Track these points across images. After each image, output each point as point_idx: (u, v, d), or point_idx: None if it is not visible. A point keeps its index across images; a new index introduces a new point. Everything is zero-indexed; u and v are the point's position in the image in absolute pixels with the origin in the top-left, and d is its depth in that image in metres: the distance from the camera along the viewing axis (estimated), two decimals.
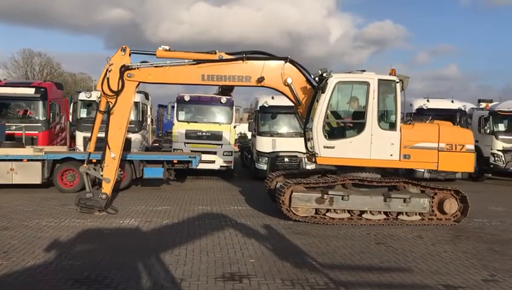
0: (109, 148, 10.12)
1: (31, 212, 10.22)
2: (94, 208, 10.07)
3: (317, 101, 9.71)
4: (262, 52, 10.46)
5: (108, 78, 9.96)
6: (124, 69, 9.97)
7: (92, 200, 10.08)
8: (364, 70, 10.07)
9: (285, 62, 10.20)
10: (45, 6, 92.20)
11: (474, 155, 10.01)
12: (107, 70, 9.97)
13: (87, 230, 8.59)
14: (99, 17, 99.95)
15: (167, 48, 10.08)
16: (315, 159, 9.81)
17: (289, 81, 10.12)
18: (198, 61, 10.08)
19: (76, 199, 10.25)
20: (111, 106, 10.07)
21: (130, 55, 10.17)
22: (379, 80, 9.63)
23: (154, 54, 10.10)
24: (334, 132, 9.97)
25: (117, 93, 9.97)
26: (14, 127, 15.33)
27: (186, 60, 10.10)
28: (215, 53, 10.14)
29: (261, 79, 10.11)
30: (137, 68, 10.10)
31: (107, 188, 10.20)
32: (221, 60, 10.11)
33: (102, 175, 10.25)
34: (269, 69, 10.18)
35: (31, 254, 6.89)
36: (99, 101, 10.32)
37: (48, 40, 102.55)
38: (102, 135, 10.28)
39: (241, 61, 10.17)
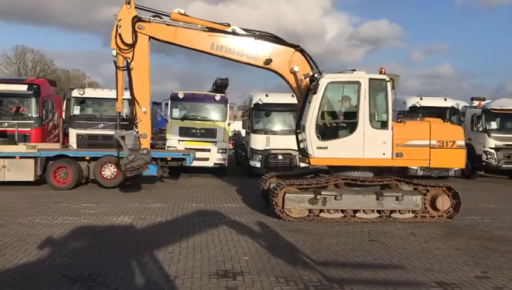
0: (138, 104, 10.03)
1: (24, 209, 10.18)
2: (143, 166, 10.12)
3: (309, 102, 9.69)
4: (275, 36, 10.35)
5: (120, 34, 9.72)
6: (136, 20, 9.79)
7: (137, 160, 10.01)
8: (354, 70, 10.04)
9: (296, 50, 10.15)
10: (41, 4, 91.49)
11: (464, 151, 10.05)
12: (117, 26, 9.73)
13: (81, 227, 8.56)
14: (97, 15, 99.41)
15: (182, 11, 9.94)
16: (308, 160, 9.81)
17: (295, 69, 10.05)
18: (211, 30, 9.97)
19: (121, 167, 10.20)
20: (129, 61, 9.87)
21: (135, 8, 9.92)
22: (370, 79, 9.61)
23: (168, 16, 9.96)
24: (326, 133, 9.93)
25: (132, 45, 9.77)
26: (6, 124, 15.23)
27: (199, 26, 9.97)
28: (229, 26, 10.06)
29: (268, 61, 10.04)
30: (149, 22, 9.92)
31: (146, 143, 10.18)
32: (233, 33, 10.03)
33: (137, 132, 10.17)
34: (278, 53, 10.13)
35: (24, 252, 6.86)
36: (117, 59, 10.00)
37: (42, 38, 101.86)
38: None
39: (252, 39, 10.10)
